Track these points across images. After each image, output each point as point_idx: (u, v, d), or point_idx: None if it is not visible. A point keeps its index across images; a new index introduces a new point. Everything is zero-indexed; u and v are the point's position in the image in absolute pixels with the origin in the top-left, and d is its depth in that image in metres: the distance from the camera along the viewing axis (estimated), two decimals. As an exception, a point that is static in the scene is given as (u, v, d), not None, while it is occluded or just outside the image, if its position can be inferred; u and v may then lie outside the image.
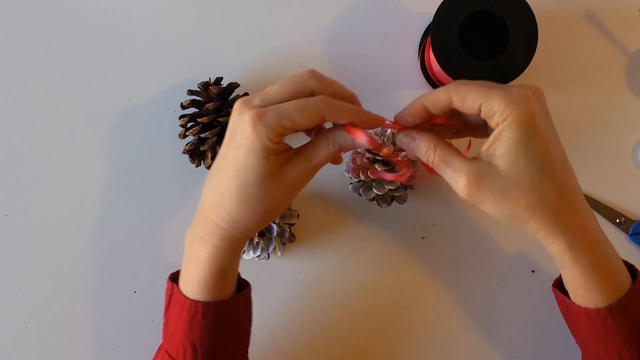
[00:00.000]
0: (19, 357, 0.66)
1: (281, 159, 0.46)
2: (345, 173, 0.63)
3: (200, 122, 0.62)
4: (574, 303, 0.48)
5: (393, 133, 0.62)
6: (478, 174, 0.44)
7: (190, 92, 0.64)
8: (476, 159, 0.45)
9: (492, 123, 0.43)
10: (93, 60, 0.67)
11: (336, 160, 0.51)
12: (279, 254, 0.63)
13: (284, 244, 0.64)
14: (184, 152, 0.64)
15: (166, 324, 0.52)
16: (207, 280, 0.48)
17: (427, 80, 0.66)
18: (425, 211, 0.66)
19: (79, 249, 0.66)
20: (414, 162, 0.61)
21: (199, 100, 0.64)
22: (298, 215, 0.64)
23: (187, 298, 0.49)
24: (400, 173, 0.52)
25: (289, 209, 0.64)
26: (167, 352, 0.52)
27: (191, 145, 0.63)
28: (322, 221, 0.66)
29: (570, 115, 0.66)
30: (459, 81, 0.45)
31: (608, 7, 0.66)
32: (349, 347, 0.65)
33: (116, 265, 0.66)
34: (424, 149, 0.46)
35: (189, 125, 0.64)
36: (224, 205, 0.46)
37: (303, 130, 0.47)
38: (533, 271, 0.65)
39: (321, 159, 0.46)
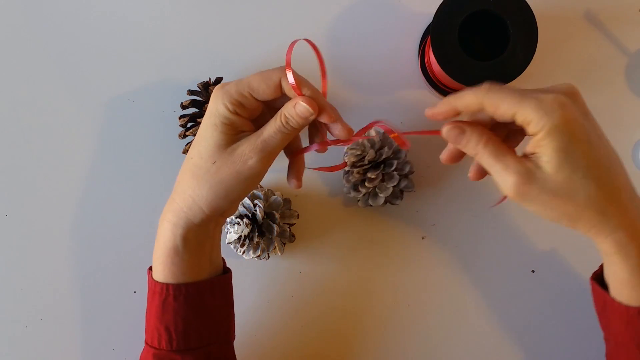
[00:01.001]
0: (19, 357, 0.66)
1: (237, 136, 0.47)
2: (344, 187, 0.64)
3: (200, 122, 0.62)
4: (614, 300, 0.48)
5: (381, 134, 0.62)
6: (528, 174, 0.43)
7: (190, 92, 0.64)
8: (525, 158, 0.44)
9: (528, 130, 0.43)
10: (93, 60, 0.67)
11: (296, 162, 0.51)
12: (279, 254, 0.63)
13: (284, 244, 0.64)
14: (184, 152, 0.64)
15: (145, 314, 0.52)
16: (165, 258, 0.49)
17: (427, 80, 0.66)
18: (425, 211, 0.66)
19: (79, 249, 0.66)
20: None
21: (199, 100, 0.64)
22: (298, 215, 0.64)
23: (157, 282, 0.50)
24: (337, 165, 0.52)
25: (289, 209, 0.64)
26: (145, 341, 0.52)
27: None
28: (322, 221, 0.66)
29: (570, 115, 0.66)
30: (491, 87, 0.43)
31: (608, 7, 0.66)
32: (349, 347, 0.65)
33: (116, 265, 0.66)
34: (474, 142, 0.45)
35: (189, 125, 0.64)
36: (181, 180, 0.48)
37: (265, 102, 0.47)
38: (533, 271, 0.65)
39: (269, 133, 0.46)
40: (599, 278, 0.50)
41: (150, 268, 0.52)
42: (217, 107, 0.45)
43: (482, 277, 0.66)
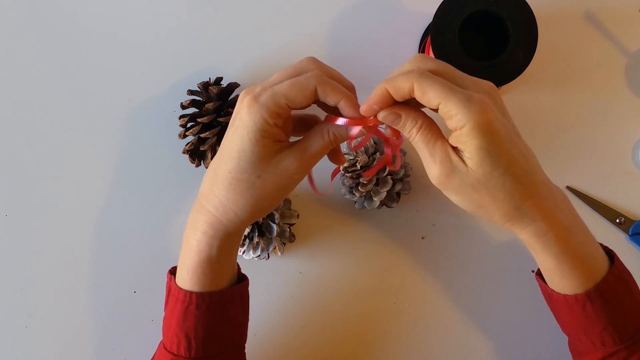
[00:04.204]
0: (19, 357, 0.66)
1: (276, 147, 0.46)
2: (341, 189, 0.64)
3: (200, 122, 0.62)
4: (554, 290, 0.49)
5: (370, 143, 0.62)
6: (451, 166, 0.44)
7: (190, 92, 0.64)
8: (453, 150, 0.45)
9: (449, 124, 0.44)
10: (93, 60, 0.67)
11: (337, 158, 0.51)
12: (279, 254, 0.63)
13: (284, 244, 0.64)
14: (184, 152, 0.64)
15: (164, 318, 0.52)
16: (195, 268, 0.49)
17: (427, 80, 0.65)
18: (425, 211, 0.66)
19: (79, 249, 0.66)
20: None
21: (199, 100, 0.64)
22: (298, 215, 0.64)
23: (181, 289, 0.50)
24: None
25: (289, 209, 0.64)
26: (163, 344, 0.52)
27: (191, 145, 0.63)
28: (322, 221, 0.66)
29: (570, 115, 0.66)
30: (423, 72, 0.44)
31: (608, 7, 0.66)
32: (349, 347, 0.65)
33: (116, 265, 0.66)
34: (409, 127, 0.46)
35: (189, 125, 0.64)
36: (216, 190, 0.47)
37: (299, 109, 0.46)
38: (533, 271, 0.65)
39: (315, 149, 0.46)
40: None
41: (171, 272, 0.52)
42: (254, 122, 0.44)
43: (482, 277, 0.66)
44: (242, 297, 0.53)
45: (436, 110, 0.44)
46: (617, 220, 0.65)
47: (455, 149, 0.45)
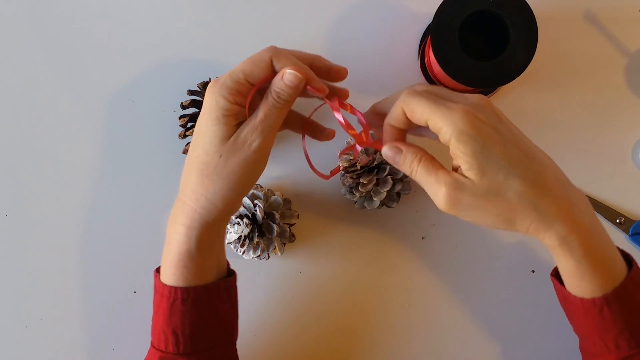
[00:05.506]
0: (19, 357, 0.66)
1: (236, 127, 0.47)
2: (341, 189, 0.64)
3: (200, 122, 0.62)
4: (570, 293, 0.49)
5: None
6: (457, 184, 0.45)
7: (190, 92, 0.64)
8: (454, 171, 0.46)
9: (441, 139, 0.45)
10: (93, 60, 0.67)
11: (318, 134, 0.53)
12: (279, 254, 0.63)
13: (284, 244, 0.64)
14: (184, 152, 0.64)
15: (152, 316, 0.52)
16: (177, 262, 0.49)
17: (428, 81, 0.66)
18: (425, 211, 0.66)
19: (79, 249, 0.66)
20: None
21: (199, 100, 0.64)
22: (298, 215, 0.64)
23: (166, 285, 0.50)
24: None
25: (289, 209, 0.64)
26: (152, 343, 0.52)
27: (191, 145, 0.63)
28: (322, 221, 0.66)
29: (570, 115, 0.66)
30: (410, 93, 0.46)
31: (608, 7, 0.66)
32: (349, 347, 0.65)
33: (116, 265, 0.66)
34: (409, 159, 0.47)
35: (189, 125, 0.64)
36: (188, 179, 0.48)
37: (258, 85, 0.47)
38: (533, 271, 0.65)
39: (265, 113, 0.47)
40: (558, 274, 0.51)
41: (157, 270, 0.52)
42: (216, 101, 0.46)
43: (482, 277, 0.66)
44: (229, 292, 0.53)
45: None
46: (617, 220, 0.65)
47: (456, 169, 0.45)
